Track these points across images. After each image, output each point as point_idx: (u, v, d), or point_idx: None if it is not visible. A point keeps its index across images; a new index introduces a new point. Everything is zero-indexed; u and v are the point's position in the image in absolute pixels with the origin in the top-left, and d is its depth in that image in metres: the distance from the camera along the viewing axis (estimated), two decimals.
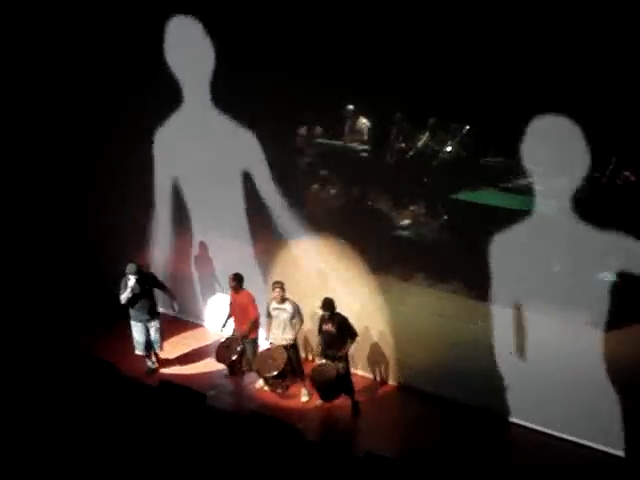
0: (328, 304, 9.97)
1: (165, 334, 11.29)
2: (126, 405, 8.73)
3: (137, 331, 10.79)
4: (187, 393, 9.03)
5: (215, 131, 11.50)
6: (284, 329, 10.35)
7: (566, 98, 8.94)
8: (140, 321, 10.75)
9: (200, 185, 11.93)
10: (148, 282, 10.75)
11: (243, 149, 11.29)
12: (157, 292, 11.00)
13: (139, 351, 10.89)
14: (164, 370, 11.10)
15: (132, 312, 10.75)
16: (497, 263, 9.90)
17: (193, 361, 11.40)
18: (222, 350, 10.66)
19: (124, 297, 10.54)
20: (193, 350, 11.67)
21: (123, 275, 10.54)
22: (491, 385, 10.04)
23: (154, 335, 10.86)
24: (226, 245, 11.95)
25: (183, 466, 7.94)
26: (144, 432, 8.33)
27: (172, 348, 11.56)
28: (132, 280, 10.47)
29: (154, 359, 11.12)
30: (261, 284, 11.42)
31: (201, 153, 11.72)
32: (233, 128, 11.28)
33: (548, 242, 9.71)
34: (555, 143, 9.41)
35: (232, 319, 10.82)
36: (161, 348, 11.08)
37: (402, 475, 7.68)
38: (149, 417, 8.59)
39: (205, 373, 11.10)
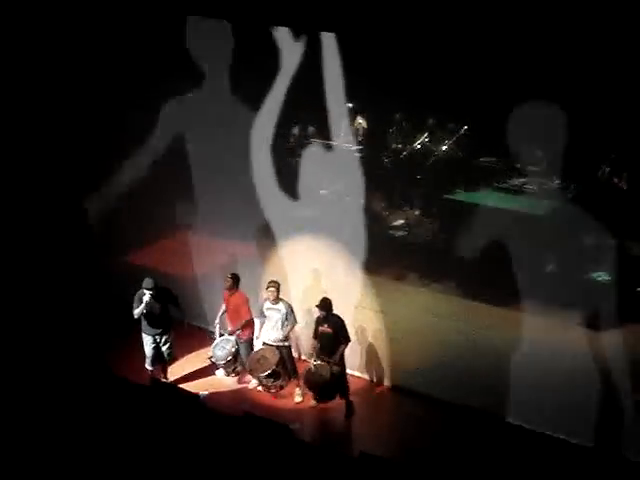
0: (325, 304, 9.92)
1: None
2: (117, 405, 8.68)
3: (147, 343, 10.48)
4: (179, 393, 8.99)
5: (214, 130, 11.45)
6: (277, 329, 10.31)
7: (562, 97, 8.95)
8: (150, 334, 10.46)
9: (200, 184, 11.89)
10: (163, 297, 10.39)
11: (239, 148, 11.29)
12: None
13: (148, 365, 10.62)
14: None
15: (143, 325, 10.44)
16: (490, 263, 9.89)
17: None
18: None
19: (137, 312, 10.22)
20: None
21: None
22: (485, 385, 10.02)
23: (164, 348, 10.54)
24: (221, 245, 11.91)
25: (175, 467, 7.90)
26: (136, 432, 8.29)
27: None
28: (147, 296, 10.10)
29: (165, 374, 10.80)
30: (256, 285, 11.37)
31: (200, 152, 11.70)
32: (231, 128, 11.24)
33: (540, 241, 9.72)
34: (550, 143, 9.42)
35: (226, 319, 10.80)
36: (170, 362, 10.75)
37: (397, 476, 7.65)
38: (141, 417, 8.55)
39: (200, 375, 11.05)
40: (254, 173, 11.20)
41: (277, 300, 10.27)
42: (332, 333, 9.90)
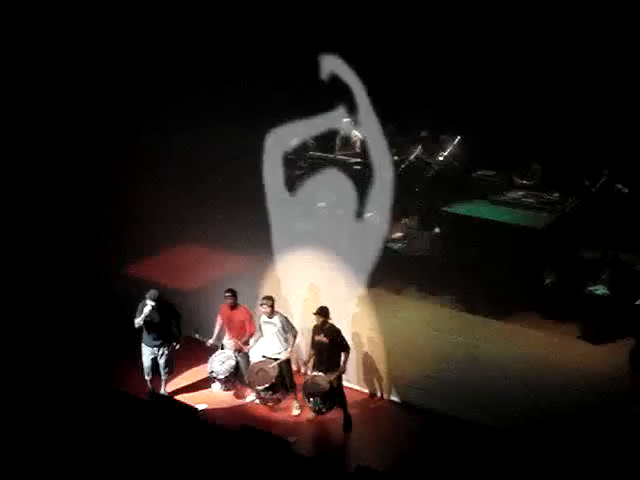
0: (323, 311, 9.89)
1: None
2: (115, 417, 8.67)
3: (144, 354, 10.48)
4: (177, 406, 8.97)
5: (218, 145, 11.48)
6: (274, 342, 10.32)
7: (559, 110, 9.00)
8: (149, 345, 10.44)
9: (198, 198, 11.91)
10: (166, 311, 10.37)
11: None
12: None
13: (145, 376, 10.58)
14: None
15: (144, 335, 10.45)
16: (487, 276, 9.90)
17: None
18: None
19: (137, 321, 10.23)
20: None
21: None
22: (483, 399, 10.01)
23: (162, 361, 10.50)
24: (222, 259, 11.91)
25: None
26: (134, 445, 8.27)
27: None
28: (148, 306, 10.11)
29: (163, 387, 10.74)
30: (254, 298, 11.36)
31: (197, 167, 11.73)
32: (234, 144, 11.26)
33: (538, 254, 9.73)
34: (547, 156, 9.46)
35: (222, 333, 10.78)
36: (169, 375, 10.68)
37: None
38: (139, 430, 8.53)
39: (197, 388, 11.03)
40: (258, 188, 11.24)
41: (272, 314, 10.29)
42: (328, 343, 9.89)
